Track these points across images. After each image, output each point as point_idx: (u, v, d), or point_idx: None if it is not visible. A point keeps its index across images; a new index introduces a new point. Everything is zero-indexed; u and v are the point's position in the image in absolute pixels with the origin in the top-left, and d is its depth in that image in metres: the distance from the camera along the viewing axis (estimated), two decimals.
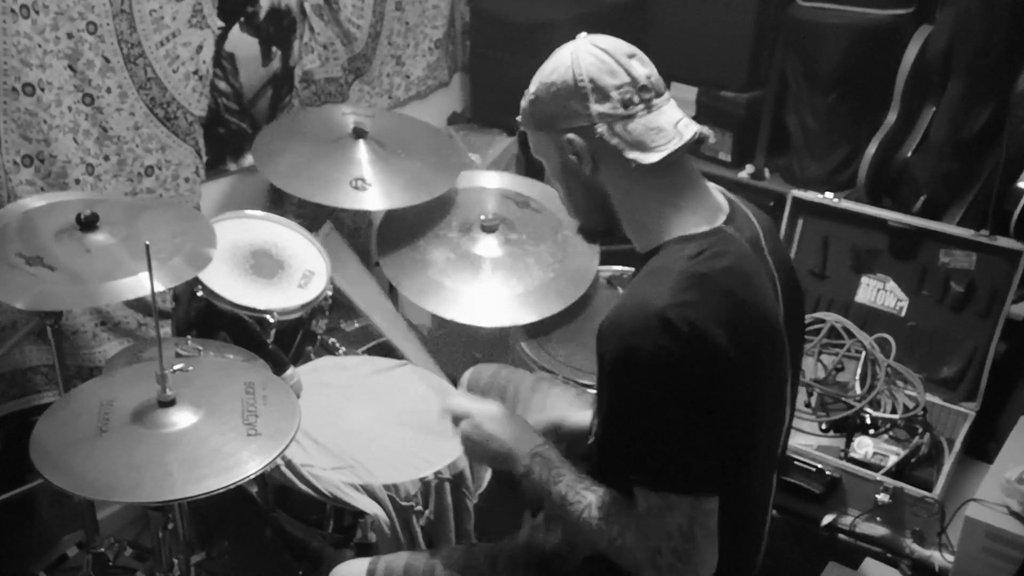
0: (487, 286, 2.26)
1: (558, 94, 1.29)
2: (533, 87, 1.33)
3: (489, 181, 2.55)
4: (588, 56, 1.27)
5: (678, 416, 1.19)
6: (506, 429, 1.40)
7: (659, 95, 1.29)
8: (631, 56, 1.29)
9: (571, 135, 1.29)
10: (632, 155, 1.26)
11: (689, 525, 1.21)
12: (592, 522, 1.28)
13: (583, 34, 1.33)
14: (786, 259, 1.40)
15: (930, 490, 2.05)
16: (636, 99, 1.27)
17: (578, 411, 1.67)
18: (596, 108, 1.27)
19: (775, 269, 1.33)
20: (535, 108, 1.33)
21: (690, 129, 1.28)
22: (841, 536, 2.09)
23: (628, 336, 1.18)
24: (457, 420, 1.45)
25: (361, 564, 1.55)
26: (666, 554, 1.21)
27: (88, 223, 1.81)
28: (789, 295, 1.34)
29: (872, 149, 2.62)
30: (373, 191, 2.28)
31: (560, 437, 1.58)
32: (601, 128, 1.27)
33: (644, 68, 1.28)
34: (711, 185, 1.38)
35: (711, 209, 1.32)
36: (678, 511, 1.21)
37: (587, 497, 1.29)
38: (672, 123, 1.28)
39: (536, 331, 2.30)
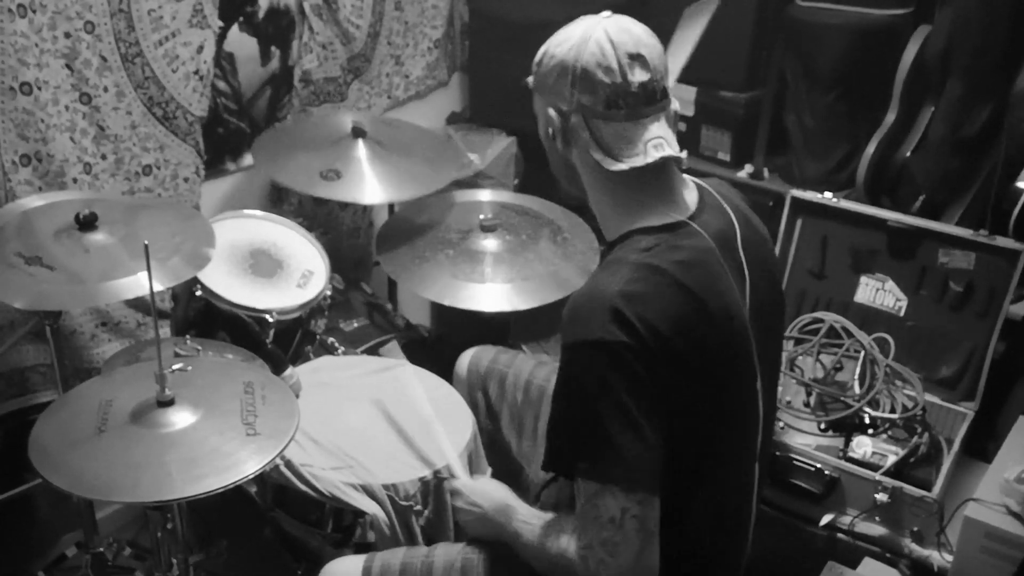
0: (488, 275, 2.26)
1: (554, 68, 1.31)
2: (544, 47, 1.35)
3: (486, 196, 2.58)
4: (594, 44, 1.27)
5: (620, 404, 1.19)
6: (480, 496, 1.55)
7: (649, 102, 1.28)
8: (635, 57, 1.27)
9: (551, 111, 1.32)
10: (597, 155, 1.29)
11: (621, 516, 1.20)
12: (540, 545, 1.35)
13: (606, 13, 1.32)
14: (765, 255, 1.40)
15: (929, 490, 2.05)
16: (620, 103, 1.27)
17: None
18: (578, 97, 1.28)
19: (746, 264, 1.33)
20: (538, 70, 1.35)
21: (658, 152, 1.28)
22: (840, 536, 2.09)
23: (580, 324, 1.21)
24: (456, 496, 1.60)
25: (356, 561, 1.55)
26: (596, 548, 1.21)
27: (87, 223, 1.81)
28: (760, 290, 1.34)
29: (871, 149, 2.62)
30: (343, 183, 2.26)
31: None
32: (576, 118, 1.30)
33: (643, 74, 1.27)
34: (688, 179, 1.39)
35: (679, 204, 1.33)
36: (610, 501, 1.20)
37: (534, 523, 1.38)
38: (645, 140, 1.28)
39: (537, 333, 2.30)
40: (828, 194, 2.50)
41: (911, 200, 2.54)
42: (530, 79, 1.38)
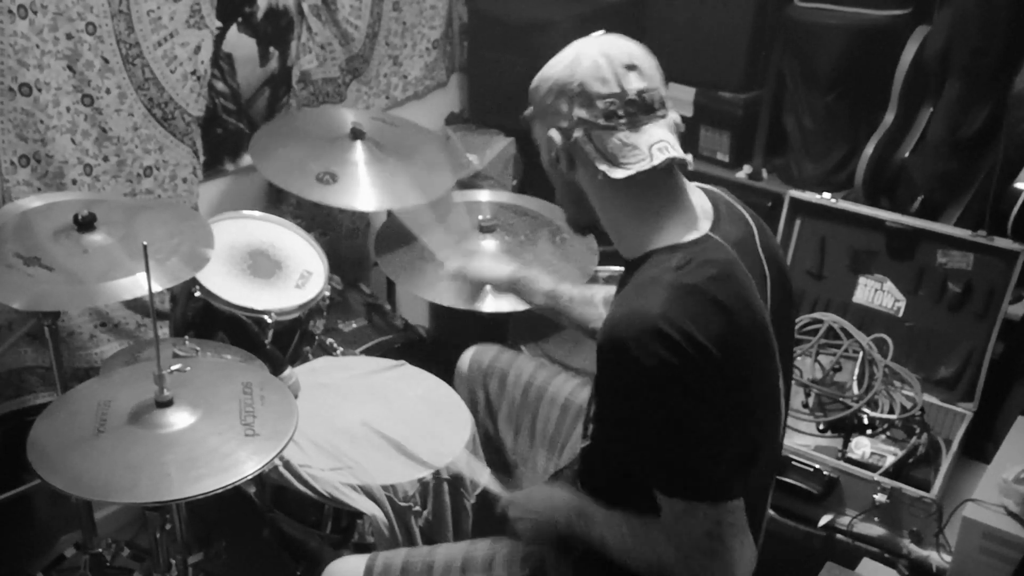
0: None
1: (551, 90, 1.32)
2: (538, 76, 1.36)
3: (484, 196, 2.58)
4: (588, 59, 1.29)
5: (687, 424, 1.21)
6: (540, 504, 1.48)
7: (648, 111, 1.28)
8: (631, 67, 1.28)
9: (553, 132, 1.32)
10: (602, 167, 1.28)
11: (716, 528, 1.23)
12: (632, 550, 1.32)
13: (600, 32, 1.34)
14: (778, 256, 1.41)
15: (928, 490, 2.06)
16: (620, 112, 1.27)
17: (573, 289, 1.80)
18: (578, 112, 1.29)
19: (766, 263, 1.34)
20: (534, 96, 1.36)
21: (663, 155, 1.27)
22: (839, 536, 2.10)
23: (627, 354, 1.19)
24: (498, 505, 1.56)
25: (359, 560, 1.55)
26: (696, 557, 1.24)
27: (85, 223, 1.81)
28: (778, 292, 1.35)
29: (870, 149, 2.62)
30: (339, 187, 2.25)
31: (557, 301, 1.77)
32: (578, 133, 1.29)
33: (640, 82, 1.28)
34: (697, 187, 1.39)
35: (695, 217, 1.33)
36: (702, 516, 1.23)
37: (620, 528, 1.34)
38: (648, 144, 1.28)
39: (535, 334, 2.30)
40: (827, 195, 2.50)
41: (910, 201, 2.54)
42: (528, 111, 1.39)
